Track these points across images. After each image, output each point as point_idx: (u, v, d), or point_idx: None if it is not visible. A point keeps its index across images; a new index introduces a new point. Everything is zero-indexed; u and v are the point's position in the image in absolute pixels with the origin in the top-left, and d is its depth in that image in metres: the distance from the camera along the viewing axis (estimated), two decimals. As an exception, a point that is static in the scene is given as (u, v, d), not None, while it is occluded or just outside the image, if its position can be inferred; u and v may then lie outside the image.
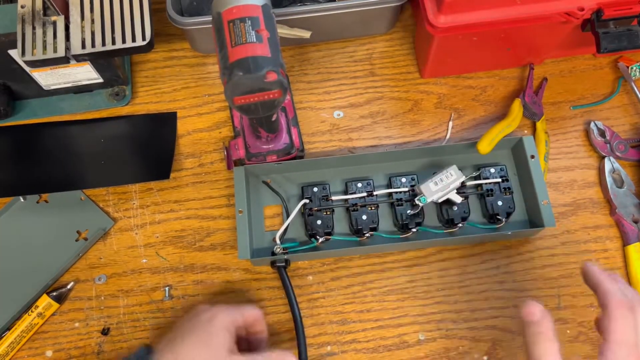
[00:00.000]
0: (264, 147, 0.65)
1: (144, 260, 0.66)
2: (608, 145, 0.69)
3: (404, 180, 0.66)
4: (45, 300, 0.62)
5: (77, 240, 0.66)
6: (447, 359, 0.61)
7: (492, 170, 0.66)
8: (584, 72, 0.75)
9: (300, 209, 0.64)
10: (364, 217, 0.64)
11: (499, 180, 0.65)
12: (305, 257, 0.65)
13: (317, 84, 0.74)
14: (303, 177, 0.68)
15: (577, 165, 0.70)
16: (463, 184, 0.64)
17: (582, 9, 0.61)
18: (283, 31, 0.67)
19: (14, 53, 0.62)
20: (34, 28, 0.59)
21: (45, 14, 0.60)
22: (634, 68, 0.73)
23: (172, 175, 0.68)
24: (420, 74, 0.74)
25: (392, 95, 0.74)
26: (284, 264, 0.62)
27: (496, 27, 0.63)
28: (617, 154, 0.69)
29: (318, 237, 0.63)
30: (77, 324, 0.63)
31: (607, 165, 0.68)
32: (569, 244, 0.66)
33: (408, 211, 0.64)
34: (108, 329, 0.63)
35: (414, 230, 0.64)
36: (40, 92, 0.71)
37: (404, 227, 0.64)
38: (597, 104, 0.73)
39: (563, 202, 0.68)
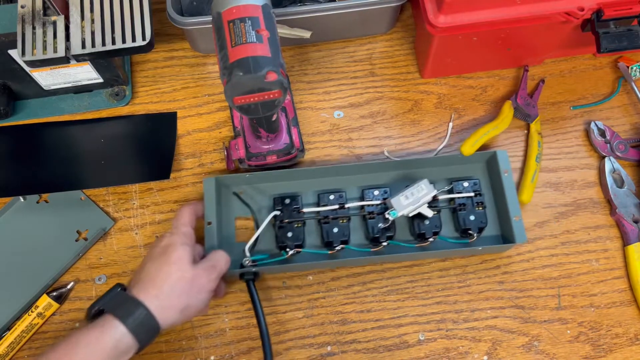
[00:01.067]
0: (264, 147, 0.65)
1: (144, 260, 0.65)
2: (608, 145, 0.69)
3: (376, 193, 0.64)
4: (45, 300, 0.62)
5: (77, 240, 0.66)
6: (447, 359, 0.61)
7: (466, 184, 0.65)
8: (584, 72, 0.75)
9: (270, 220, 0.63)
10: (335, 229, 0.63)
11: (472, 194, 0.65)
12: (275, 269, 0.64)
13: (317, 84, 0.74)
14: (275, 188, 0.67)
15: (577, 165, 0.70)
16: (435, 198, 0.63)
17: (582, 9, 0.61)
18: (283, 31, 0.67)
19: (14, 53, 0.62)
20: (34, 28, 0.59)
21: (45, 14, 0.60)
22: (634, 68, 0.73)
23: (172, 175, 0.68)
24: (420, 74, 0.74)
25: (392, 95, 0.74)
26: (252, 277, 0.61)
27: (496, 27, 0.63)
28: (617, 154, 0.69)
29: (288, 249, 0.62)
30: (77, 324, 0.63)
31: (608, 165, 0.68)
32: (569, 244, 0.66)
33: (379, 225, 0.63)
34: (108, 329, 0.63)
35: (384, 244, 0.63)
36: (40, 92, 0.71)
37: (375, 241, 0.63)
38: (597, 104, 0.73)
39: (563, 202, 0.68)
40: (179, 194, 0.68)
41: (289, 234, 0.63)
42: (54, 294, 0.63)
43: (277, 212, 0.64)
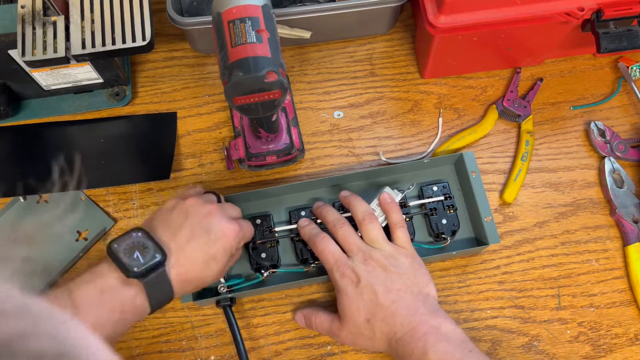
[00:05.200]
0: (264, 147, 0.65)
1: (144, 261, 0.65)
2: (608, 145, 0.69)
3: None
4: (45, 301, 0.62)
5: (77, 241, 0.66)
6: (447, 359, 0.61)
7: (435, 188, 0.65)
8: (584, 72, 0.75)
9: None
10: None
11: (442, 198, 0.64)
12: (251, 293, 0.62)
13: (317, 84, 0.74)
14: (246, 208, 0.65)
15: (577, 166, 0.70)
16: (405, 205, 0.63)
17: (582, 9, 0.61)
18: (283, 31, 0.67)
19: (14, 53, 0.62)
20: (34, 28, 0.59)
21: (45, 14, 0.60)
22: (634, 68, 0.73)
23: (172, 175, 0.68)
24: (420, 74, 0.74)
25: (392, 95, 0.74)
26: (229, 302, 0.59)
27: (496, 27, 0.63)
28: (617, 154, 0.69)
29: (263, 271, 0.62)
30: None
31: (607, 166, 0.68)
32: (569, 244, 0.66)
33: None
34: (108, 329, 0.63)
35: None
36: (40, 92, 0.71)
37: None
38: (597, 104, 0.73)
39: (563, 202, 0.68)
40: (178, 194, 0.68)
41: (263, 255, 0.62)
42: (54, 294, 0.63)
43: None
